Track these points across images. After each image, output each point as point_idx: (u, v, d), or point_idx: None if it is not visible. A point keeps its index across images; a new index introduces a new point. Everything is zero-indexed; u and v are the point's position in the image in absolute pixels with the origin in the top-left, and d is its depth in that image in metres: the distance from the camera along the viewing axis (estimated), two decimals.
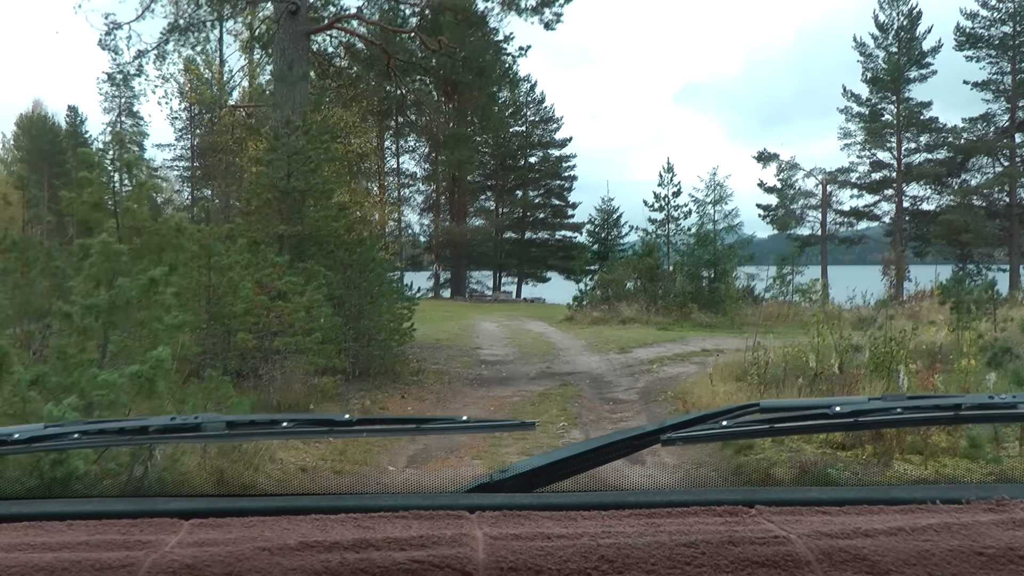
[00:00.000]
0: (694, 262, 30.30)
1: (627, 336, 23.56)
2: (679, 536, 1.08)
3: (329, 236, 12.05)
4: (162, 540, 1.09)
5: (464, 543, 1.07)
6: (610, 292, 31.38)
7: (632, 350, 20.20)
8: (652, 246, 32.64)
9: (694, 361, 18.00)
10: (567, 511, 1.20)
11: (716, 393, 12.80)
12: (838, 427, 1.54)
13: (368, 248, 13.03)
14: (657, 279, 30.74)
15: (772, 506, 1.21)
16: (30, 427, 1.44)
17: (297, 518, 1.18)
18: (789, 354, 14.09)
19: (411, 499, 1.26)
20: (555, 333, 26.58)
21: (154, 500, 1.30)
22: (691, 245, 31.23)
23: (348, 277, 12.41)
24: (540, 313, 38.44)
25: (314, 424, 1.58)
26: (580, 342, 22.90)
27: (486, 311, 41.43)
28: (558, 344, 22.58)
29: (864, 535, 1.08)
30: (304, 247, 11.60)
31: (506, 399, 13.77)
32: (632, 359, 18.58)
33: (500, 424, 1.62)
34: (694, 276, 29.80)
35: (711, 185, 32.12)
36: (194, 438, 1.62)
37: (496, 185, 64.55)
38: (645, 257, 31.35)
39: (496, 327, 29.40)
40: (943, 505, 1.22)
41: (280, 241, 11.27)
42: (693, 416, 1.46)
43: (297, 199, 11.83)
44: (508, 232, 63.89)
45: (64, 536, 1.13)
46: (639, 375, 16.28)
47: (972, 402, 1.48)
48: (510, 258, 62.92)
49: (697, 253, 30.48)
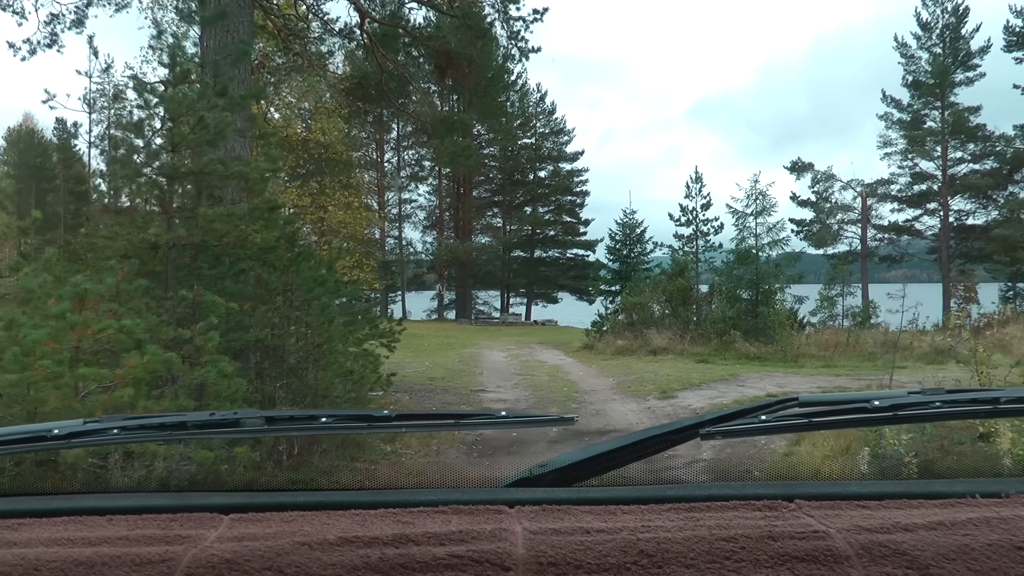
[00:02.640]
0: (733, 282, 26.22)
1: (664, 373, 19.50)
2: (718, 530, 1.07)
3: (241, 246, 7.95)
4: (202, 535, 1.10)
5: (503, 538, 1.07)
6: (635, 317, 27.34)
7: (677, 393, 16.15)
8: (683, 264, 28.50)
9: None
10: (606, 505, 1.20)
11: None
12: (877, 421, 1.51)
13: (312, 266, 8.82)
14: (690, 302, 26.67)
15: (812, 500, 1.20)
16: (69, 423, 1.46)
17: (336, 513, 1.19)
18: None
19: (450, 494, 1.25)
20: (574, 366, 22.53)
21: (194, 495, 1.31)
22: (730, 263, 27.13)
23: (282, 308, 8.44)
24: (554, 339, 34.49)
25: (353, 420, 1.60)
26: (607, 380, 18.84)
27: (493, 335, 37.60)
28: (580, 383, 18.54)
29: (904, 529, 1.08)
30: (199, 263, 7.59)
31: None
32: (681, 408, 14.53)
33: (539, 419, 1.67)
34: (734, 298, 25.71)
35: (752, 194, 27.89)
36: (233, 433, 1.61)
37: (504, 200, 61.33)
38: (676, 277, 27.26)
39: (504, 357, 25.38)
40: (982, 499, 1.20)
41: (154, 254, 7.23)
42: (732, 411, 1.45)
43: (193, 189, 7.82)
44: (516, 250, 60.85)
45: (104, 531, 1.13)
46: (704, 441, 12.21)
47: (1011, 395, 1.46)
48: (519, 277, 59.63)
49: (737, 272, 26.37)
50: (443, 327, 45.82)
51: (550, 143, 60.63)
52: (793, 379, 18.05)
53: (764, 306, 25.54)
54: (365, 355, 11.80)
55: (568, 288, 58.98)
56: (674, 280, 27.13)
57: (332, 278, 9.44)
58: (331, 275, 9.44)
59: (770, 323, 24.70)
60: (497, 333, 40.15)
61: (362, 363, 11.62)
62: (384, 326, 13.09)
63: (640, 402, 15.44)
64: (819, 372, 19.66)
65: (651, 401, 15.48)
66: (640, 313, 27.27)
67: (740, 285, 26.06)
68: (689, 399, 15.40)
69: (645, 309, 27.45)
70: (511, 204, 60.66)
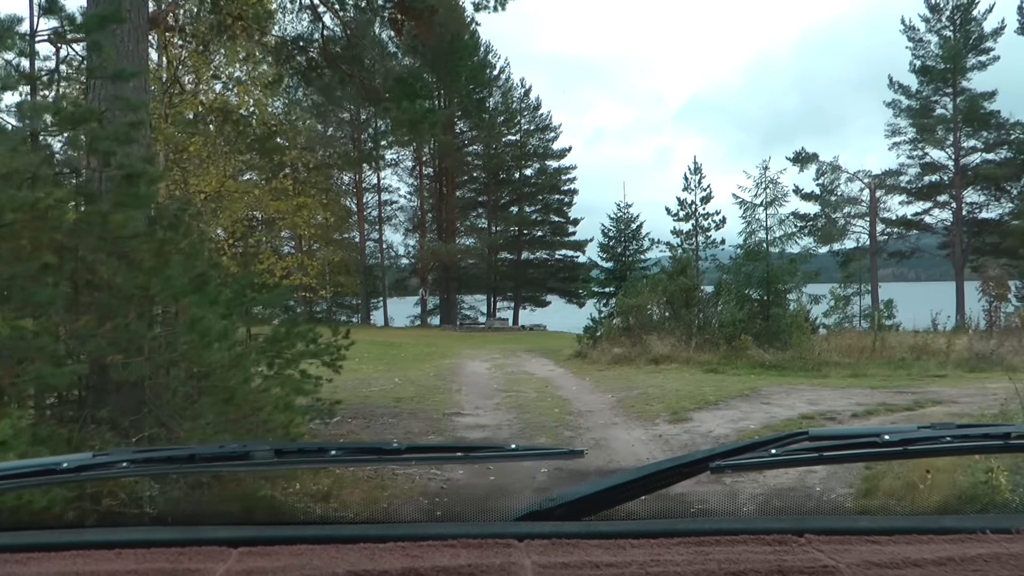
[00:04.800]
0: (742, 281, 23.40)
1: (671, 387, 16.71)
2: (728, 565, 1.08)
3: (54, 228, 5.02)
4: (211, 568, 1.10)
5: (513, 572, 1.07)
6: (632, 321, 24.52)
7: (691, 415, 13.38)
8: (685, 262, 25.58)
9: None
10: (616, 539, 1.20)
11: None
12: (887, 455, 1.45)
13: (185, 260, 5.77)
14: (694, 303, 23.85)
15: (822, 535, 1.20)
16: (79, 456, 1.47)
17: (346, 547, 1.19)
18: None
19: (460, 527, 1.25)
20: (566, 378, 19.74)
21: (203, 528, 1.29)
22: (738, 259, 24.28)
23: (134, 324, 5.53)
24: (543, 345, 31.70)
25: (363, 452, 1.62)
26: (606, 397, 16.05)
27: (478, 343, 34.81)
28: (574, 400, 15.75)
29: (914, 565, 1.08)
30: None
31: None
32: (700, 436, 11.73)
33: (549, 452, 1.67)
34: (743, 299, 22.90)
35: (761, 182, 25.00)
36: (242, 467, 1.56)
37: (488, 200, 58.68)
38: (678, 276, 24.42)
39: (488, 369, 22.59)
40: (993, 535, 1.20)
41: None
42: (742, 444, 1.44)
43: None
44: (503, 252, 58.19)
45: (113, 564, 1.14)
46: (733, 485, 9.11)
47: (1022, 431, 1.43)
48: (506, 280, 56.99)
49: (746, 269, 23.55)
50: (425, 335, 43.09)
51: (536, 140, 58.03)
52: (824, 394, 15.29)
53: (777, 307, 22.76)
54: (287, 381, 9.00)
55: (557, 291, 56.57)
56: (675, 279, 24.30)
57: (217, 277, 6.53)
58: (216, 272, 6.55)
59: (784, 326, 21.93)
60: (482, 340, 37.39)
61: (282, 392, 8.79)
62: (324, 340, 10.23)
63: (648, 427, 12.65)
64: (849, 383, 16.89)
65: (661, 426, 12.69)
66: (638, 316, 24.46)
67: (750, 284, 23.27)
68: (708, 423, 12.60)
69: (643, 312, 24.65)
70: (496, 204, 58.06)
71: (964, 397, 14.70)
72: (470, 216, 59.65)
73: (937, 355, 20.45)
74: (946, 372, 18.42)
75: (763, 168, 25.28)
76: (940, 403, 13.90)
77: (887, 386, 16.21)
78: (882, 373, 18.50)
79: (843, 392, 15.51)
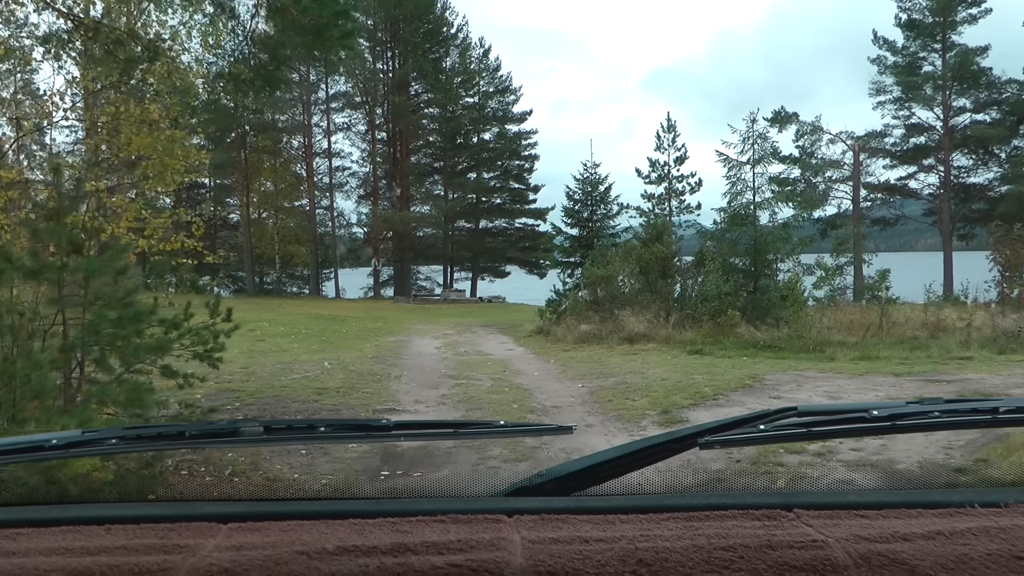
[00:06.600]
0: (727, 249, 20.50)
1: (654, 373, 13.85)
2: (717, 540, 1.06)
3: None
4: (200, 544, 1.09)
5: (502, 547, 1.06)
6: (601, 294, 21.60)
7: (684, 414, 10.55)
8: (661, 227, 22.52)
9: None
10: (605, 514, 1.19)
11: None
12: (875, 431, 1.44)
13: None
14: (671, 274, 20.95)
15: (810, 509, 1.19)
16: (68, 433, 1.44)
17: (335, 522, 1.17)
18: None
19: (449, 503, 1.24)
20: (527, 361, 16.81)
21: (192, 504, 1.28)
22: (723, 225, 21.34)
23: None
24: (501, 319, 28.80)
25: (351, 428, 1.60)
26: (575, 387, 13.15)
27: (431, 316, 31.87)
28: (537, 392, 12.85)
29: (902, 539, 1.07)
30: None
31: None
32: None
33: (538, 428, 1.78)
34: (729, 269, 20.00)
35: (748, 137, 21.98)
36: (231, 443, 1.52)
37: (445, 166, 55.41)
38: (653, 243, 21.45)
39: (437, 348, 19.63)
40: (981, 509, 1.19)
41: None
42: (731, 420, 1.41)
43: None
44: (460, 220, 55.02)
45: (102, 540, 1.12)
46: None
47: (1010, 405, 1.42)
48: (463, 250, 54.02)
49: (730, 236, 20.63)
50: (376, 307, 40.07)
51: (495, 102, 54.90)
52: (842, 384, 12.50)
53: (766, 278, 19.91)
54: (123, 387, 6.13)
55: (517, 261, 53.89)
56: (650, 247, 21.35)
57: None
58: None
59: (776, 300, 19.10)
60: (436, 313, 34.45)
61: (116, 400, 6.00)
62: (185, 327, 7.22)
63: (633, 431, 9.75)
64: (864, 368, 14.10)
65: (650, 430, 9.79)
66: (608, 288, 21.54)
67: (735, 252, 20.36)
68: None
69: (613, 283, 21.73)
70: (453, 169, 54.95)
71: (1015, 387, 12.01)
72: (425, 183, 56.63)
73: (954, 333, 17.72)
74: (971, 354, 15.68)
75: (750, 121, 22.29)
76: (988, 396, 11.14)
77: (912, 373, 13.45)
78: (897, 355, 15.72)
79: (865, 381, 12.73)
